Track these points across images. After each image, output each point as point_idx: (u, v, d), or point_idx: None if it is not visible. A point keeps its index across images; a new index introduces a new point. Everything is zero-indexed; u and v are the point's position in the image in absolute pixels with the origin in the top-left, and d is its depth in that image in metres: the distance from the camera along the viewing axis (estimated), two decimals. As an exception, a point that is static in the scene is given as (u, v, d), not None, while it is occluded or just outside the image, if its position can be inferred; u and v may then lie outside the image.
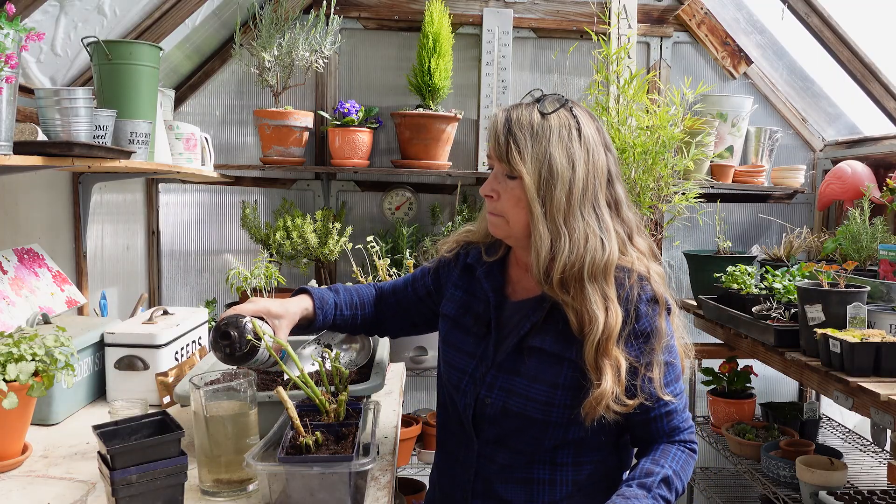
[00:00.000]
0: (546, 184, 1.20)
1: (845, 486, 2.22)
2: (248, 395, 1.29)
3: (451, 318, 1.41)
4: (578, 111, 1.25)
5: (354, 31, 2.98)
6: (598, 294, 1.20)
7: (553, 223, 1.21)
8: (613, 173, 1.27)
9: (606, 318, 1.19)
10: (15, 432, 1.38)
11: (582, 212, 1.21)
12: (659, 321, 1.23)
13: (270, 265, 2.51)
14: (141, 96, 1.94)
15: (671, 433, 1.29)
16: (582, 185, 1.21)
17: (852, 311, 1.88)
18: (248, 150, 3.01)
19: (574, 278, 1.21)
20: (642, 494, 1.19)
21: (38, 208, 2.08)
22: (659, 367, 1.23)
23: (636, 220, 1.31)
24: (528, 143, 1.20)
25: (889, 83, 2.63)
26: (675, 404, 1.27)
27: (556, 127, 1.21)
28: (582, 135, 1.22)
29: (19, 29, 1.31)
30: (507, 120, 1.23)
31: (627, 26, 2.84)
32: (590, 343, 1.19)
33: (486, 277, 1.36)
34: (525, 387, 1.26)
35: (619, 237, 1.25)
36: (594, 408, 1.18)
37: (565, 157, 1.20)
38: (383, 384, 1.56)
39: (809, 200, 3.23)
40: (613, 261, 1.22)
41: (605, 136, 1.28)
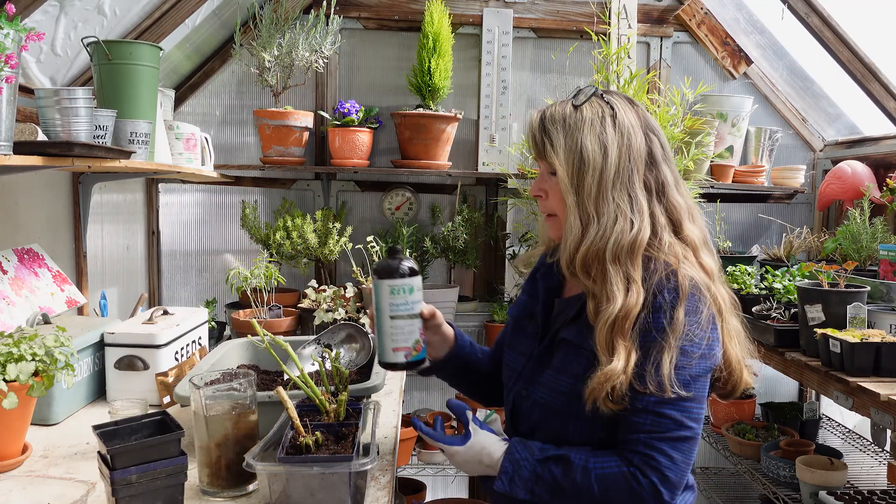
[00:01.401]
0: (578, 172, 1.20)
1: (845, 486, 2.22)
2: (248, 395, 1.29)
3: (513, 319, 1.43)
4: (614, 98, 1.25)
5: (354, 31, 2.98)
6: (621, 275, 1.17)
7: (584, 210, 1.20)
8: (658, 156, 1.24)
9: (626, 298, 1.15)
10: (15, 432, 1.38)
11: (614, 195, 1.19)
12: (677, 312, 1.15)
13: (270, 265, 2.52)
14: (141, 96, 1.94)
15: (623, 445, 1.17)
16: (614, 169, 1.19)
17: (852, 311, 1.88)
18: (248, 150, 3.01)
19: (597, 260, 1.19)
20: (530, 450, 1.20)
21: (38, 208, 2.08)
22: (670, 360, 1.13)
23: (689, 205, 1.26)
24: (561, 137, 1.22)
25: (889, 83, 2.63)
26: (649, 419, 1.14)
27: (589, 116, 1.21)
28: (617, 120, 1.21)
29: (19, 29, 1.31)
30: (542, 118, 1.25)
31: (627, 26, 2.84)
32: (603, 321, 1.15)
33: (543, 278, 1.38)
34: (552, 378, 1.26)
35: (657, 221, 1.21)
36: (600, 385, 1.13)
37: (597, 143, 1.20)
38: (383, 384, 1.56)
39: (809, 200, 3.23)
40: (641, 242, 1.18)
41: (649, 120, 1.26)
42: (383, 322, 1.29)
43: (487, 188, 3.09)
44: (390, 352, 1.29)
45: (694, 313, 1.16)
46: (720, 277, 1.26)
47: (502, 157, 2.93)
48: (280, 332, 2.49)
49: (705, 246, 1.26)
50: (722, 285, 1.25)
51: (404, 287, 1.28)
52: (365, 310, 2.51)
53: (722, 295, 1.23)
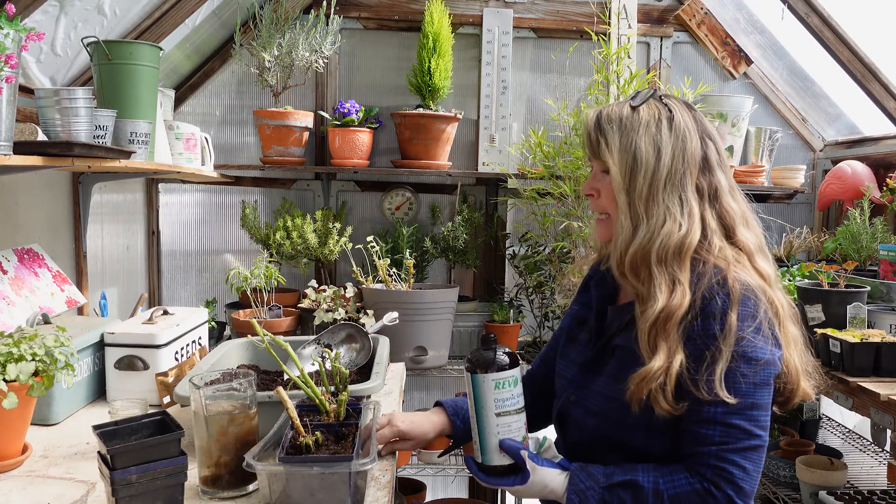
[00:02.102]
0: (630, 172, 1.20)
1: (845, 486, 2.22)
2: (248, 395, 1.29)
3: (566, 329, 1.42)
4: (672, 101, 1.24)
5: (354, 31, 2.98)
6: (666, 277, 1.16)
7: (635, 211, 1.20)
8: (713, 161, 1.23)
9: (669, 299, 1.13)
10: (15, 432, 1.38)
11: (664, 197, 1.19)
12: (729, 317, 1.11)
13: (270, 265, 2.52)
14: (141, 96, 1.94)
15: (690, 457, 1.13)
16: (667, 171, 1.19)
17: (852, 311, 1.88)
18: (248, 150, 3.01)
19: (644, 261, 1.18)
20: (595, 478, 1.15)
21: (38, 208, 2.08)
22: (723, 366, 1.10)
23: (743, 210, 1.25)
24: (616, 136, 1.21)
25: (889, 83, 2.63)
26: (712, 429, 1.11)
27: (646, 117, 1.21)
28: (673, 123, 1.21)
29: (19, 29, 1.31)
30: (598, 117, 1.25)
31: (627, 26, 2.84)
32: (644, 321, 1.14)
33: (597, 286, 1.37)
34: (606, 386, 1.23)
35: (708, 225, 1.20)
36: (637, 386, 1.12)
37: (651, 144, 1.19)
38: (383, 384, 1.56)
39: (809, 200, 3.23)
40: (689, 245, 1.17)
41: (706, 125, 1.25)
42: (488, 420, 1.19)
43: (487, 188, 3.10)
44: (496, 453, 1.19)
45: (751, 318, 1.13)
46: (778, 284, 1.23)
47: (502, 157, 2.93)
48: (280, 332, 2.49)
49: (761, 252, 1.24)
50: (780, 291, 1.22)
51: (509, 379, 1.19)
52: (366, 310, 2.51)
53: (780, 301, 1.20)
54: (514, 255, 2.99)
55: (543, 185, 2.63)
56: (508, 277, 3.11)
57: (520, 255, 2.95)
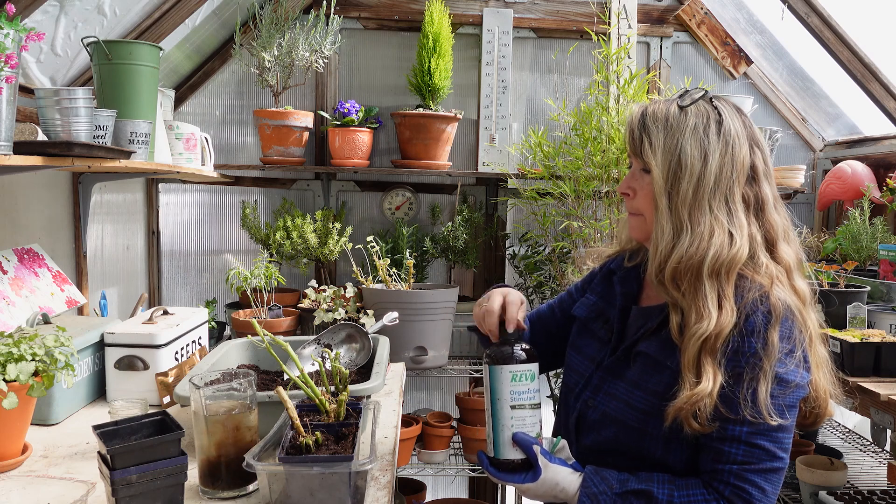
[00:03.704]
0: (674, 176, 1.15)
1: (845, 486, 2.22)
2: (248, 395, 1.29)
3: (580, 321, 1.38)
4: (721, 104, 1.19)
5: (354, 31, 2.98)
6: (715, 292, 1.11)
7: (677, 217, 1.15)
8: (760, 170, 1.18)
9: (720, 316, 1.09)
10: (15, 432, 1.38)
11: (711, 205, 1.14)
12: (771, 335, 1.09)
13: (270, 265, 2.52)
14: (141, 96, 1.94)
15: (709, 474, 1.11)
16: (714, 178, 1.14)
17: (852, 311, 1.88)
18: (248, 150, 3.01)
19: (691, 272, 1.13)
20: (609, 484, 1.13)
21: (38, 208, 2.08)
22: (766, 387, 1.08)
23: (785, 224, 1.20)
24: (661, 136, 1.17)
25: (889, 83, 2.63)
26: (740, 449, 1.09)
27: (693, 119, 1.16)
28: (722, 127, 1.16)
29: (19, 29, 1.31)
30: (643, 114, 1.20)
31: (627, 26, 2.84)
32: (694, 339, 1.09)
33: (621, 282, 1.33)
34: (627, 392, 1.20)
35: (754, 239, 1.16)
36: (688, 406, 1.08)
37: (698, 148, 1.15)
38: (383, 384, 1.56)
39: (809, 200, 3.23)
40: (740, 260, 1.13)
41: (755, 131, 1.20)
42: (503, 412, 1.19)
43: (487, 188, 3.10)
44: (509, 447, 1.19)
45: (788, 339, 1.11)
46: (812, 303, 1.20)
47: (502, 157, 2.93)
48: (280, 332, 2.49)
49: (799, 269, 1.20)
50: (813, 311, 1.19)
51: (526, 373, 1.20)
52: (366, 310, 2.51)
53: (812, 321, 1.17)
54: (514, 255, 2.99)
55: (543, 185, 2.63)
56: (508, 277, 3.11)
57: (520, 255, 2.95)
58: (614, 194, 2.59)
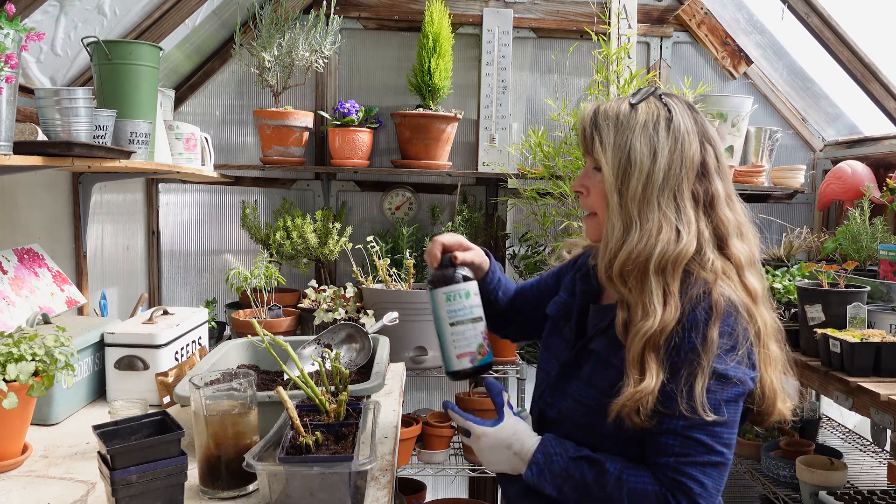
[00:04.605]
0: (624, 173, 1.16)
1: (845, 486, 2.22)
2: (248, 395, 1.29)
3: (552, 319, 1.39)
4: (672, 101, 1.20)
5: (354, 31, 2.98)
6: (661, 288, 1.12)
7: (627, 214, 1.16)
8: (711, 167, 1.19)
9: (664, 312, 1.10)
10: (15, 432, 1.38)
11: (660, 202, 1.15)
12: (710, 332, 1.09)
13: (270, 265, 2.52)
14: (141, 96, 1.94)
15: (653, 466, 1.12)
16: (663, 174, 1.15)
17: (852, 311, 1.88)
18: (248, 150, 3.01)
19: (638, 269, 1.14)
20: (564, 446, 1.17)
21: (38, 208, 2.08)
22: (703, 382, 1.08)
23: (738, 221, 1.20)
24: (612, 134, 1.18)
25: (889, 83, 2.63)
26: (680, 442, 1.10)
27: (644, 117, 1.17)
28: (672, 124, 1.17)
29: (19, 29, 1.31)
30: (595, 112, 1.21)
31: (627, 26, 2.84)
32: (639, 336, 1.10)
33: (582, 280, 1.34)
34: (579, 391, 1.22)
35: (702, 235, 1.16)
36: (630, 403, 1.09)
37: (647, 145, 1.15)
38: (383, 384, 1.56)
39: (809, 200, 3.23)
40: (686, 256, 1.13)
41: (707, 128, 1.21)
42: (444, 330, 1.29)
43: (487, 188, 3.10)
44: (455, 359, 1.28)
45: (729, 335, 1.11)
46: (765, 300, 1.19)
47: (502, 157, 2.93)
48: (280, 332, 2.49)
49: (752, 265, 1.20)
50: (766, 309, 1.19)
51: (459, 292, 1.29)
52: (366, 310, 2.51)
53: (764, 318, 1.16)
54: (514, 255, 2.99)
55: (543, 185, 2.63)
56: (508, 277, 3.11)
57: (520, 255, 2.95)
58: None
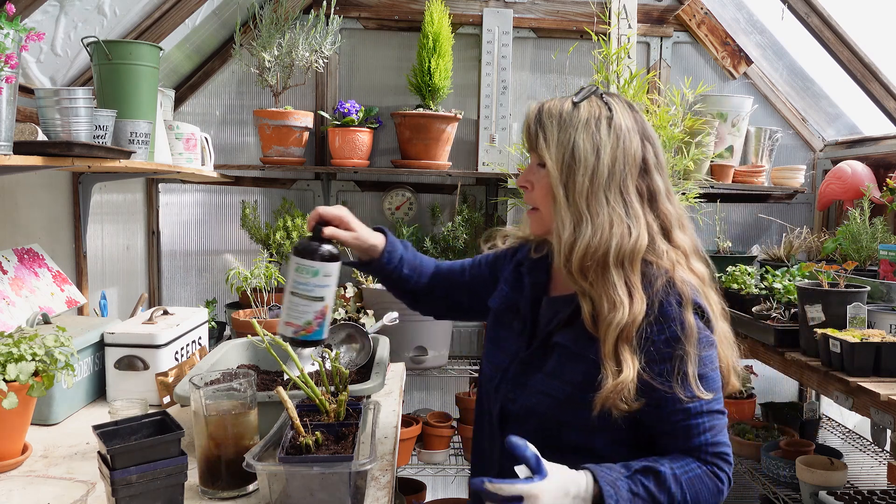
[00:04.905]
0: (568, 169, 1.20)
1: (845, 486, 2.22)
2: (248, 395, 1.29)
3: (496, 312, 1.40)
4: (613, 100, 1.25)
5: (354, 31, 2.98)
6: (623, 281, 1.17)
7: (576, 208, 1.19)
8: (651, 163, 1.24)
9: (632, 304, 1.15)
10: (15, 432, 1.38)
11: (608, 197, 1.19)
12: (685, 317, 1.16)
13: (270, 265, 2.52)
14: (141, 96, 1.94)
15: (691, 451, 1.18)
16: (608, 170, 1.19)
17: (852, 311, 1.88)
18: (248, 150, 3.01)
19: (597, 263, 1.18)
20: (618, 469, 1.14)
21: (38, 208, 2.08)
22: (693, 366, 1.15)
23: (678, 214, 1.27)
24: (555, 131, 1.22)
25: (889, 83, 2.63)
26: (703, 420, 1.17)
27: (586, 115, 1.21)
28: (613, 123, 1.21)
29: (19, 29, 1.31)
30: (539, 110, 1.25)
31: (627, 26, 2.84)
32: (611, 329, 1.15)
33: (530, 273, 1.36)
34: (544, 383, 1.24)
35: (651, 228, 1.22)
36: (613, 395, 1.13)
37: (590, 143, 1.20)
38: (383, 384, 1.56)
39: (809, 200, 3.23)
40: (641, 248, 1.18)
41: (646, 126, 1.26)
42: (286, 294, 1.33)
43: (487, 188, 3.09)
44: (283, 324, 1.33)
45: (700, 316, 1.18)
46: (711, 283, 1.27)
47: (502, 157, 2.93)
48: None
49: (696, 253, 1.27)
50: (713, 291, 1.27)
51: (309, 268, 1.32)
52: (366, 310, 2.51)
53: (713, 299, 1.24)
54: (514, 255, 2.99)
55: (543, 185, 2.63)
56: (508, 277, 3.10)
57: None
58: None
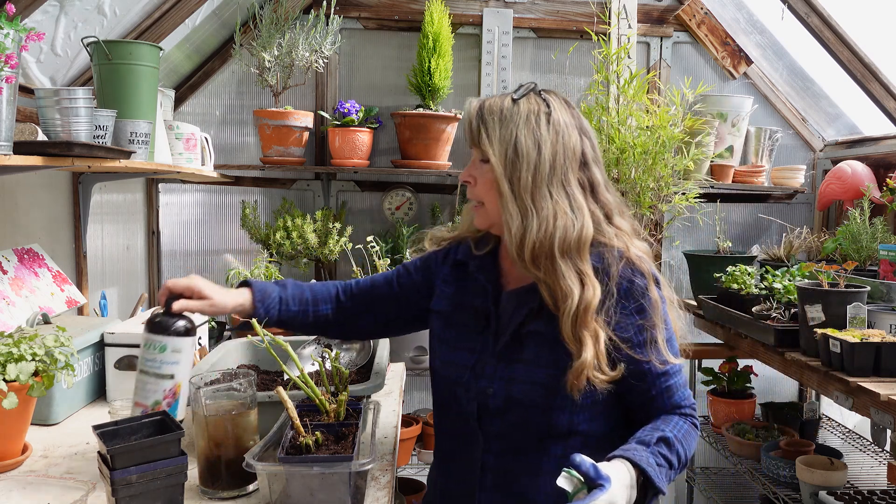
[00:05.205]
0: (512, 164, 1.25)
1: (845, 486, 2.22)
2: (248, 395, 1.29)
3: (444, 314, 1.41)
4: (551, 97, 1.30)
5: (354, 31, 2.98)
6: (572, 269, 1.23)
7: (521, 201, 1.24)
8: (589, 156, 1.31)
9: (583, 291, 1.22)
10: (15, 432, 1.38)
11: (550, 191, 1.25)
12: (651, 291, 1.26)
13: (270, 265, 2.52)
14: (141, 96, 1.94)
15: (672, 409, 1.29)
16: (549, 165, 1.25)
17: (852, 311, 1.88)
18: (248, 150, 3.01)
19: (545, 255, 1.23)
20: (642, 448, 1.19)
21: (38, 208, 2.08)
22: (661, 333, 1.26)
23: (617, 202, 1.35)
24: (497, 127, 1.26)
25: (889, 83, 2.63)
26: (675, 379, 1.29)
27: (525, 111, 1.26)
28: (551, 118, 1.27)
29: (19, 29, 1.31)
30: (481, 107, 1.29)
31: (627, 26, 2.84)
32: (566, 316, 1.21)
33: (480, 270, 1.38)
34: (527, 372, 1.26)
35: (595, 216, 1.28)
36: (577, 377, 1.20)
37: (531, 138, 1.25)
38: (383, 384, 1.56)
39: (809, 200, 3.24)
40: (587, 237, 1.25)
41: (583, 121, 1.33)
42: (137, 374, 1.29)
43: (487, 188, 3.09)
44: (133, 405, 1.28)
45: (659, 287, 1.29)
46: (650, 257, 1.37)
47: (502, 157, 2.92)
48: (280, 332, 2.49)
49: (637, 234, 1.35)
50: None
51: (156, 344, 1.28)
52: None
53: None
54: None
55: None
56: (508, 277, 3.11)
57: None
58: (614, 194, 2.59)
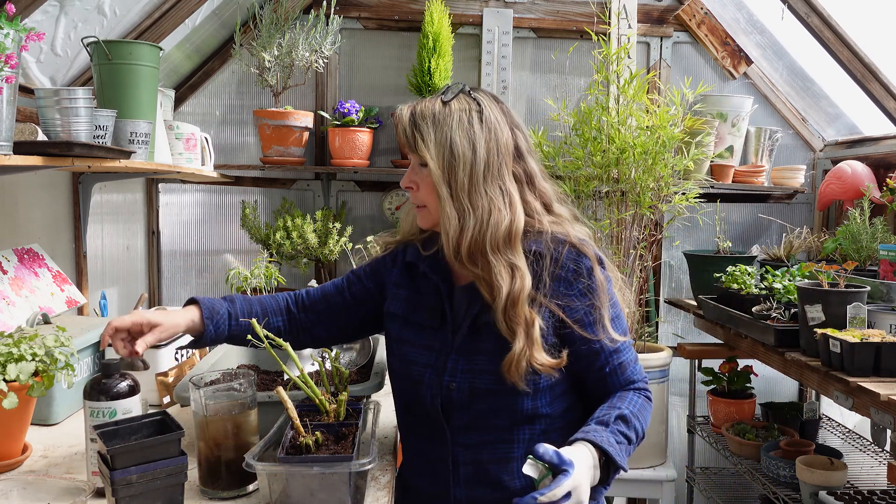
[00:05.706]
0: (449, 166, 1.26)
1: (845, 486, 2.22)
2: (248, 395, 1.29)
3: (400, 316, 1.42)
4: (480, 95, 1.32)
5: (354, 31, 2.98)
6: (503, 263, 1.25)
7: (459, 202, 1.26)
8: (523, 149, 1.33)
9: (511, 284, 1.24)
10: (15, 432, 1.38)
11: (486, 188, 1.27)
12: (596, 272, 1.29)
13: (270, 265, 2.51)
14: (141, 96, 1.94)
15: (626, 385, 1.33)
16: (484, 163, 1.27)
17: (852, 311, 1.88)
18: (248, 150, 3.01)
19: (480, 251, 1.26)
20: (601, 429, 1.22)
21: (38, 208, 2.08)
22: (608, 311, 1.30)
23: (555, 190, 1.39)
24: (432, 131, 1.27)
25: (889, 83, 2.63)
26: (627, 356, 1.33)
27: (457, 112, 1.28)
28: (483, 117, 1.28)
29: (19, 29, 1.31)
30: (412, 113, 1.31)
31: (627, 26, 2.84)
32: (498, 309, 1.24)
33: (431, 269, 1.39)
34: (489, 362, 1.28)
35: (530, 207, 1.31)
36: (508, 369, 1.23)
37: (466, 138, 1.26)
38: (383, 384, 1.56)
39: (809, 200, 3.23)
40: (517, 231, 1.27)
41: (513, 116, 1.35)
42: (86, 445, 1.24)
43: (487, 188, 3.09)
44: (90, 475, 1.25)
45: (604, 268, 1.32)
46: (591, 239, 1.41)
47: (502, 157, 2.92)
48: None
49: (576, 219, 1.39)
50: None
51: (104, 411, 1.22)
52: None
53: None
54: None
55: (543, 185, 2.63)
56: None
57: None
58: (614, 194, 2.59)
